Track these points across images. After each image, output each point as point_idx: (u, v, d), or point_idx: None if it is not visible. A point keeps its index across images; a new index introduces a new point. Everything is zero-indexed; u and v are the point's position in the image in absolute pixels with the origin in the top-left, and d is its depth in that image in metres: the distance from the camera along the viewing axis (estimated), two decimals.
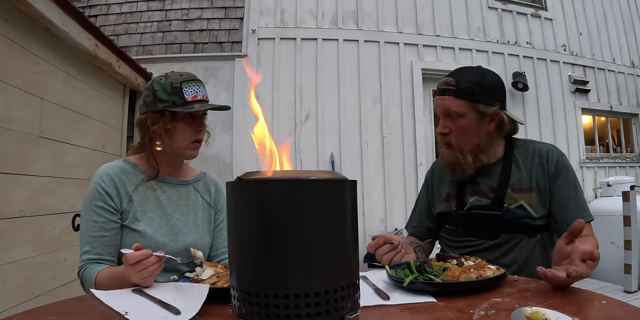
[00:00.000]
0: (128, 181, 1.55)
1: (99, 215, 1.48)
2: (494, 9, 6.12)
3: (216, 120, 4.90)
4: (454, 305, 0.94)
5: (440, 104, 1.56)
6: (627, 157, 6.78)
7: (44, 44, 2.98)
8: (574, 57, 6.48)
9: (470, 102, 1.52)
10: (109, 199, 1.50)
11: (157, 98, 1.53)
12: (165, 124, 1.52)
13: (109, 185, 1.51)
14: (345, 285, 0.73)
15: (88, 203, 1.50)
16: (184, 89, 1.52)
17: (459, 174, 1.61)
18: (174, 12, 5.40)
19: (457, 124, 1.55)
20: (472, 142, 1.57)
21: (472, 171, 1.59)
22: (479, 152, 1.58)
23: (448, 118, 1.56)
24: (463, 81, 1.54)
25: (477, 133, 1.56)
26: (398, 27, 5.67)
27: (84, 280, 1.45)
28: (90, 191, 1.52)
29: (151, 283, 1.19)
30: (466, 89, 1.52)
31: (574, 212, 1.49)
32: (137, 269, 1.14)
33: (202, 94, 1.56)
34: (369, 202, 5.19)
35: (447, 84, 1.55)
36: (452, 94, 1.53)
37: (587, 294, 1.01)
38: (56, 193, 3.07)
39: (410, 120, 5.48)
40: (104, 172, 1.54)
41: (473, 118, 1.54)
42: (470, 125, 1.54)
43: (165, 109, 1.52)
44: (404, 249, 1.39)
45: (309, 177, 0.73)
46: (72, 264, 3.20)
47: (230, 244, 0.77)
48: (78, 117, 3.47)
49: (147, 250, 1.18)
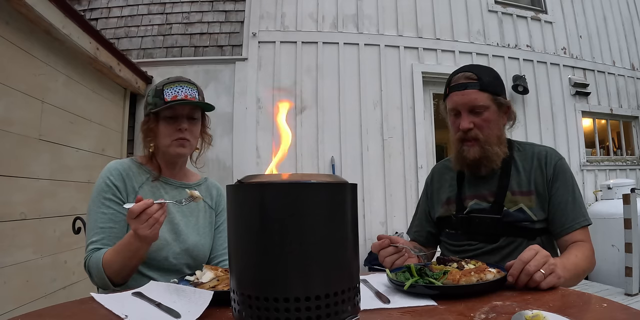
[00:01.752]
0: (135, 178, 1.60)
1: (108, 207, 1.51)
2: (494, 12, 6.13)
3: (217, 123, 4.89)
4: (454, 308, 0.94)
5: (464, 98, 1.54)
6: (628, 160, 6.77)
7: (45, 46, 2.98)
8: (574, 60, 6.49)
9: (493, 95, 1.54)
10: (117, 192, 1.54)
11: (147, 102, 1.63)
12: (149, 125, 1.61)
13: (117, 179, 1.55)
14: (345, 289, 0.73)
15: (96, 196, 1.53)
16: (165, 91, 1.58)
17: (485, 168, 1.58)
18: (175, 15, 5.41)
19: (482, 117, 1.54)
20: (495, 134, 1.57)
21: (500, 164, 1.57)
22: (500, 143, 1.58)
23: (472, 112, 1.55)
24: (484, 75, 1.55)
25: (498, 126, 1.58)
26: (398, 31, 5.67)
27: (90, 267, 1.43)
28: (99, 185, 1.55)
29: (158, 232, 1.27)
30: (489, 82, 1.54)
31: (571, 216, 1.49)
32: (143, 220, 1.23)
33: (183, 93, 1.59)
34: (370, 205, 5.19)
35: (469, 78, 1.55)
36: (476, 87, 1.53)
37: (588, 297, 1.01)
38: (57, 196, 3.07)
39: (411, 124, 5.48)
40: (112, 167, 1.58)
41: (495, 111, 1.55)
42: (494, 118, 1.56)
43: (150, 111, 1.60)
44: (407, 254, 1.39)
45: (309, 181, 0.73)
46: (72, 267, 3.19)
47: (231, 247, 0.77)
48: (78, 120, 3.47)
49: (149, 199, 1.26)
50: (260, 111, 5.17)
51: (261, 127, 5.12)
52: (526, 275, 1.07)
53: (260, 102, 5.20)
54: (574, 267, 1.32)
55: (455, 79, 1.58)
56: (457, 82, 1.57)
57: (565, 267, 1.20)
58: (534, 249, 1.12)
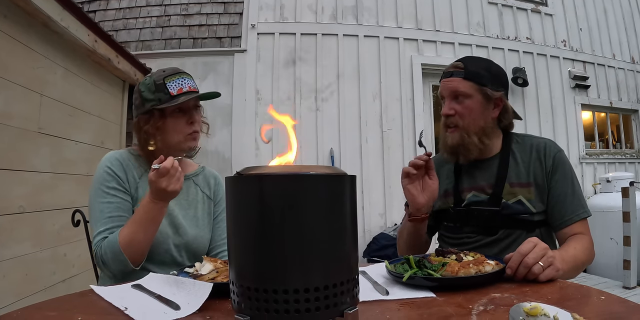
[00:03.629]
0: (134, 169, 1.57)
1: (113, 196, 1.47)
2: (494, 4, 6.10)
3: (216, 115, 4.90)
4: (453, 300, 0.95)
5: (447, 85, 1.56)
6: (627, 153, 6.78)
7: (43, 39, 2.97)
8: (574, 53, 6.47)
9: (478, 85, 1.54)
10: (121, 181, 1.50)
11: (143, 99, 1.54)
12: (155, 123, 1.53)
13: (118, 169, 1.52)
14: (344, 280, 0.73)
15: (98, 187, 1.48)
16: (168, 84, 1.52)
17: (462, 157, 1.58)
18: (173, 7, 5.39)
19: (463, 105, 1.54)
20: (477, 124, 1.56)
21: (477, 154, 1.57)
22: (483, 134, 1.57)
23: (454, 100, 1.56)
24: (471, 65, 1.56)
25: (483, 116, 1.57)
26: (398, 22, 5.65)
27: (104, 254, 1.38)
28: (100, 175, 1.50)
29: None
30: (474, 72, 1.54)
31: (570, 208, 1.49)
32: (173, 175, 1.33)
33: (188, 85, 1.56)
34: (369, 197, 5.20)
35: (456, 66, 1.57)
36: (460, 76, 1.54)
37: (586, 289, 1.01)
38: (56, 189, 3.07)
39: (410, 116, 5.47)
40: (111, 157, 1.55)
41: (479, 101, 1.55)
42: (477, 107, 1.55)
43: (152, 108, 1.52)
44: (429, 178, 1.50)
45: (309, 172, 0.73)
46: (72, 260, 3.20)
47: (230, 239, 0.77)
48: (77, 112, 3.46)
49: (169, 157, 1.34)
50: (259, 103, 5.16)
51: (260, 119, 5.11)
52: (524, 267, 1.08)
53: (260, 93, 5.19)
54: (573, 260, 1.32)
55: (446, 68, 1.61)
56: (446, 70, 1.60)
57: (563, 260, 1.21)
58: (533, 242, 1.12)
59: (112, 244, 1.36)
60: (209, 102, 1.69)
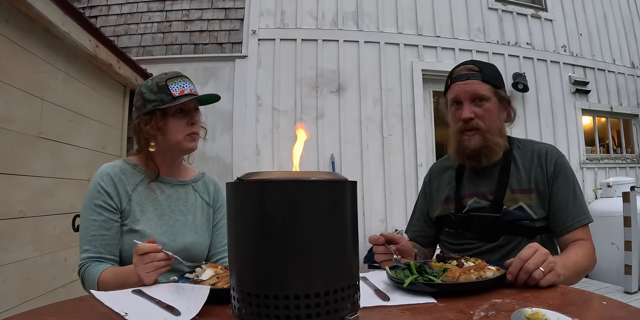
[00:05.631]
0: (127, 181, 1.57)
1: (99, 214, 1.50)
2: (494, 10, 6.12)
3: (216, 121, 4.91)
4: (454, 306, 0.94)
5: (466, 88, 1.54)
6: (628, 158, 6.78)
7: (44, 44, 2.98)
8: (574, 58, 6.48)
9: (494, 88, 1.55)
10: (108, 198, 1.51)
11: (145, 100, 1.56)
12: (157, 123, 1.55)
13: (108, 184, 1.53)
14: (345, 286, 0.73)
15: (88, 202, 1.52)
16: (170, 86, 1.54)
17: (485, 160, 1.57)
18: (175, 13, 5.41)
19: (484, 108, 1.54)
20: (496, 126, 1.57)
21: (501, 155, 1.58)
22: (502, 136, 1.58)
23: (473, 102, 1.55)
24: (485, 68, 1.57)
25: (498, 118, 1.58)
26: (398, 28, 5.67)
27: (85, 278, 1.46)
28: (90, 190, 1.53)
29: (154, 280, 1.21)
30: (490, 74, 1.56)
31: (572, 214, 1.49)
32: (145, 261, 1.19)
33: (189, 88, 1.58)
34: (369, 202, 5.20)
35: (471, 69, 1.57)
36: (478, 78, 1.54)
37: (588, 294, 1.01)
38: (56, 193, 3.07)
39: (411, 121, 5.48)
40: (103, 172, 1.55)
41: (495, 103, 1.56)
42: (494, 109, 1.56)
43: (154, 108, 1.54)
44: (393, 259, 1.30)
45: (309, 178, 0.73)
46: (72, 265, 3.19)
47: (231, 245, 0.77)
48: (78, 117, 3.46)
49: (159, 245, 1.23)
50: (260, 108, 5.17)
51: (261, 125, 5.12)
52: (525, 273, 1.07)
53: (260, 99, 5.20)
54: (574, 265, 1.32)
55: (457, 71, 1.60)
56: (460, 73, 1.58)
57: (565, 265, 1.20)
58: (533, 247, 1.12)
59: (93, 279, 1.40)
60: (210, 107, 1.70)
